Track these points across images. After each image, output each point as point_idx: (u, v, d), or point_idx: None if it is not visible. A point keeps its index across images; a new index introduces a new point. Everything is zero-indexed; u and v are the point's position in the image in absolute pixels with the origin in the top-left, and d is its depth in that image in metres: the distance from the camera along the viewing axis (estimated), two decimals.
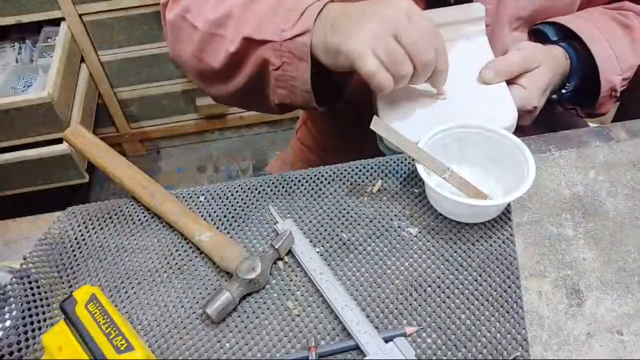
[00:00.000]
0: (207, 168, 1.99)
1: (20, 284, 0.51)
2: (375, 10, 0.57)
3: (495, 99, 0.64)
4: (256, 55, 0.64)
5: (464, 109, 0.63)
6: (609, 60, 0.70)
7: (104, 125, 1.90)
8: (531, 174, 0.53)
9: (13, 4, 1.51)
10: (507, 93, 0.64)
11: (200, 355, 0.48)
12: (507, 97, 0.64)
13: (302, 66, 0.62)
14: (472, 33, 0.69)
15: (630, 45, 0.73)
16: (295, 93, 0.65)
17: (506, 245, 0.54)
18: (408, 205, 0.59)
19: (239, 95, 0.72)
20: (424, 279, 0.52)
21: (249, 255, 0.53)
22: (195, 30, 0.67)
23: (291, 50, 0.61)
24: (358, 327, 0.47)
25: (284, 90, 0.66)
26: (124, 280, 0.54)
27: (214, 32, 0.66)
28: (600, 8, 0.77)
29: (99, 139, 0.64)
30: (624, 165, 0.63)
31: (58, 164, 1.50)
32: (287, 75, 0.63)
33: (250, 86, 0.69)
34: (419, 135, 0.58)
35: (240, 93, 0.71)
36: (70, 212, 0.61)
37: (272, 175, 0.63)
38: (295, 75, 0.63)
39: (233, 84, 0.70)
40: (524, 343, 0.47)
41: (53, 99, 1.38)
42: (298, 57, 0.61)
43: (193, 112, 1.94)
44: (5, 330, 0.48)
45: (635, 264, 0.53)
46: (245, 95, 0.72)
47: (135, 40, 1.69)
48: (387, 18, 0.56)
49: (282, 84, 0.65)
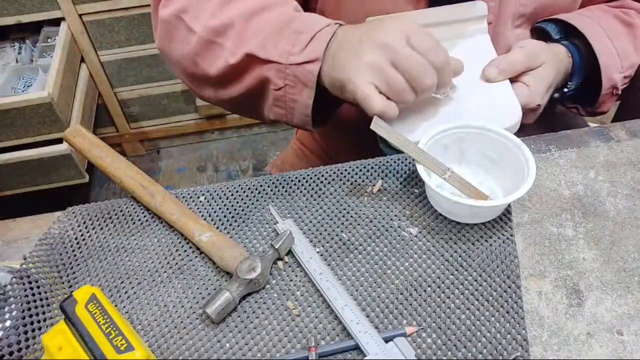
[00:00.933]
0: (207, 168, 1.99)
1: (20, 284, 0.51)
2: (373, 38, 0.56)
3: (498, 98, 0.64)
4: (257, 72, 0.63)
5: (467, 108, 0.63)
6: (610, 57, 0.70)
7: (104, 125, 1.90)
8: (531, 174, 0.53)
9: (13, 4, 1.51)
10: (510, 91, 0.64)
11: (200, 355, 0.48)
12: (511, 96, 0.64)
13: (306, 92, 0.61)
14: (475, 31, 0.69)
15: (632, 42, 0.73)
16: (293, 114, 0.64)
17: (506, 245, 0.54)
18: (408, 205, 0.59)
19: (230, 102, 0.71)
20: (424, 279, 0.52)
21: (249, 255, 0.53)
22: (192, 33, 0.65)
23: (297, 75, 0.60)
24: (358, 327, 0.47)
25: (282, 110, 0.65)
26: (124, 280, 0.54)
27: (213, 40, 0.64)
28: (602, 6, 0.77)
29: (99, 139, 0.63)
30: (624, 165, 0.63)
31: (58, 164, 1.50)
32: (288, 97, 0.62)
33: (245, 98, 0.67)
34: (421, 135, 0.58)
35: (232, 101, 0.70)
36: (70, 212, 0.61)
37: (272, 175, 0.63)
38: (297, 99, 0.62)
39: (227, 92, 0.68)
40: (524, 343, 0.47)
41: (53, 99, 1.38)
42: (303, 83, 0.60)
43: (193, 112, 1.95)
44: (5, 330, 0.48)
45: (635, 264, 0.53)
46: (238, 104, 0.71)
47: (135, 40, 1.69)
48: (385, 46, 0.56)
49: (281, 104, 0.64)
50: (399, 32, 0.56)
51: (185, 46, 0.67)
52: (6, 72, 1.54)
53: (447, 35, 0.67)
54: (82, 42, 1.65)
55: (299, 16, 0.62)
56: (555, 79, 0.69)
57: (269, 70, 0.61)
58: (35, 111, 1.39)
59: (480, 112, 0.62)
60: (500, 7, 0.71)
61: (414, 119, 0.63)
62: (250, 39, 0.62)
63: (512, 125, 0.61)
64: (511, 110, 0.62)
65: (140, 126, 1.95)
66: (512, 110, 0.62)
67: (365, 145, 0.68)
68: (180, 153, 2.05)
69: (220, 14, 0.64)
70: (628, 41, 0.73)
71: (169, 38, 0.70)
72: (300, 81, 0.60)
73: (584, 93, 0.75)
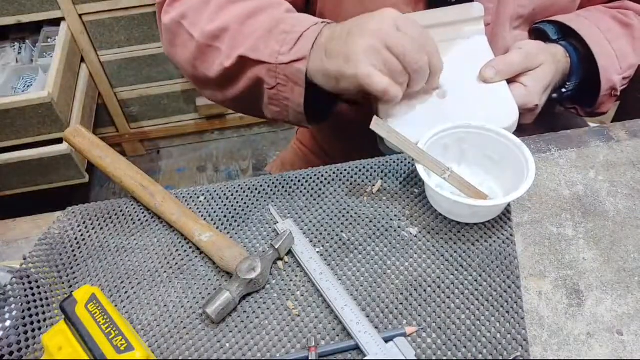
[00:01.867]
0: (207, 168, 1.99)
1: (20, 284, 0.51)
2: (362, 26, 0.57)
3: (496, 98, 0.64)
4: (251, 73, 0.65)
5: (465, 109, 0.63)
6: (609, 59, 0.70)
7: (104, 125, 1.90)
8: (531, 174, 0.53)
9: (13, 4, 1.51)
10: (507, 92, 0.64)
11: (200, 355, 0.48)
12: (508, 96, 0.64)
13: (297, 90, 0.62)
14: (472, 32, 0.69)
15: (631, 43, 0.73)
16: (288, 112, 0.66)
17: (506, 245, 0.54)
18: (408, 205, 0.59)
19: (233, 102, 0.73)
20: (424, 279, 0.52)
21: (249, 255, 0.53)
22: (191, 38, 0.68)
23: (286, 74, 0.62)
24: (358, 327, 0.47)
25: (277, 108, 0.67)
26: (124, 280, 0.54)
27: (210, 44, 0.66)
28: (600, 7, 0.77)
29: (99, 139, 0.64)
30: (624, 165, 0.63)
31: (58, 164, 1.50)
32: (281, 95, 0.64)
33: (245, 97, 0.69)
34: (420, 136, 0.58)
35: (234, 101, 0.72)
36: (70, 212, 0.61)
37: (272, 175, 0.63)
38: (289, 97, 0.64)
39: (228, 93, 0.71)
40: (524, 343, 0.47)
41: (53, 99, 1.38)
42: (293, 82, 0.62)
43: (193, 112, 1.94)
44: (5, 330, 0.48)
45: (635, 264, 0.53)
46: (240, 103, 0.73)
47: (135, 40, 1.69)
48: (376, 31, 0.56)
49: (276, 102, 0.66)
50: (389, 19, 0.57)
51: (186, 50, 0.69)
52: (6, 72, 1.54)
53: (444, 37, 0.68)
54: (82, 42, 1.65)
55: (289, 17, 0.64)
56: (554, 79, 0.69)
57: (261, 71, 0.63)
58: (35, 111, 1.39)
59: (477, 113, 0.62)
60: (499, 9, 0.71)
61: (415, 119, 0.63)
62: (243, 42, 0.64)
63: (509, 126, 0.61)
64: (508, 111, 0.63)
65: (140, 126, 1.95)
66: (509, 111, 0.63)
67: (365, 145, 0.68)
68: (180, 153, 2.04)
69: (217, 18, 0.66)
70: (626, 42, 0.73)
71: (172, 43, 0.72)
72: (290, 80, 0.62)
73: (582, 94, 0.75)
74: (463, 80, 0.65)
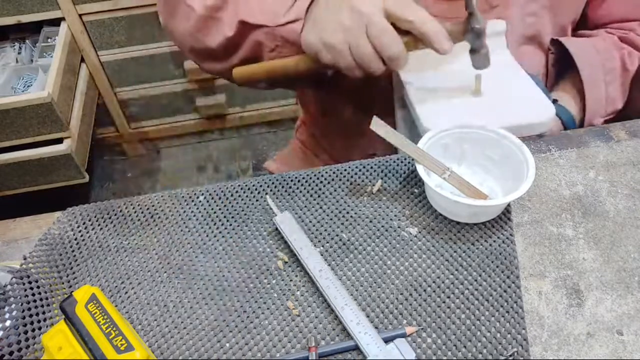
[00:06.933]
0: (207, 168, 1.99)
1: (20, 284, 0.51)
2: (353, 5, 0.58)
3: (530, 97, 0.65)
4: (251, 39, 0.67)
5: (502, 105, 0.64)
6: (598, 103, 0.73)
7: (104, 125, 1.90)
8: (531, 174, 0.53)
9: (13, 4, 1.51)
10: (540, 92, 0.65)
11: (200, 355, 0.48)
12: (542, 96, 0.65)
13: (295, 50, 0.64)
14: (495, 46, 0.70)
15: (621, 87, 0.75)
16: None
17: (506, 245, 0.54)
18: (408, 205, 0.59)
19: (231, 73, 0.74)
20: (424, 279, 0.52)
21: None
22: (191, 10, 0.69)
23: (283, 36, 0.64)
24: (358, 327, 0.47)
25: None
26: (124, 280, 0.54)
27: (212, 15, 0.68)
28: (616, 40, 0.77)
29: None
30: (624, 165, 0.63)
31: (58, 164, 1.50)
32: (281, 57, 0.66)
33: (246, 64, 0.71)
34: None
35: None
36: (70, 212, 0.61)
37: (272, 175, 0.63)
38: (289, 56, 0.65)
39: (228, 63, 0.72)
40: (524, 343, 0.47)
41: (53, 99, 1.38)
42: (290, 42, 0.64)
43: (193, 112, 1.95)
44: (5, 330, 0.48)
45: (635, 264, 0.53)
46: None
47: (135, 40, 1.69)
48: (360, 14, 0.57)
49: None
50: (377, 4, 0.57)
51: (186, 23, 0.71)
52: (6, 72, 1.54)
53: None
54: (82, 42, 1.65)
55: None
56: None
57: (260, 35, 0.66)
58: (35, 111, 1.39)
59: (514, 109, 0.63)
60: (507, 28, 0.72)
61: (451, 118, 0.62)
62: (242, 9, 0.66)
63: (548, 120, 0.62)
64: (545, 104, 0.64)
65: (140, 126, 1.95)
66: (545, 105, 0.64)
67: (365, 145, 0.69)
68: (180, 153, 2.05)
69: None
70: (619, 85, 0.75)
71: (171, 15, 0.73)
72: (287, 41, 0.64)
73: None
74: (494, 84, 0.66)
